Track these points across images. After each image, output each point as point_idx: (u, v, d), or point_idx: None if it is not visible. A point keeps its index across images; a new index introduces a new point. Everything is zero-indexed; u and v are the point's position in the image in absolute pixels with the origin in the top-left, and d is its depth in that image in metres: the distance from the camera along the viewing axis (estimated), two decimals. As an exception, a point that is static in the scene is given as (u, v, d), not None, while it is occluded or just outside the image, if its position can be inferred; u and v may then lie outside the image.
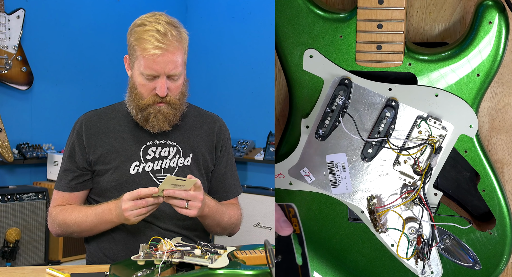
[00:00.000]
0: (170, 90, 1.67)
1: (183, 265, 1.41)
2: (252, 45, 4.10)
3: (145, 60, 1.63)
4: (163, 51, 1.61)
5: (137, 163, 1.73)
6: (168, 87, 1.66)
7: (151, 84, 1.66)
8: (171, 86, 1.67)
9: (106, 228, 1.69)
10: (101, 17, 3.96)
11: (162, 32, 1.62)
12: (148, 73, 1.64)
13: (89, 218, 1.68)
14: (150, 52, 1.61)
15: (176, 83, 1.68)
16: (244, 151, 3.97)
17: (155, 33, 1.62)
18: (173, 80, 1.67)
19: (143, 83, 1.67)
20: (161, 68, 1.63)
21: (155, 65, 1.62)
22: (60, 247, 3.32)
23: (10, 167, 3.51)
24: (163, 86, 1.64)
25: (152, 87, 1.66)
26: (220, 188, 1.83)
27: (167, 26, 1.64)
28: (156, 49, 1.61)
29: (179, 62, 1.65)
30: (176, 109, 1.70)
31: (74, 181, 1.74)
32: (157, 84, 1.65)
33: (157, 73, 1.64)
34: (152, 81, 1.66)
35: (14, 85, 3.43)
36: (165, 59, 1.62)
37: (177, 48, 1.64)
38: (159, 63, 1.62)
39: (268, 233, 3.46)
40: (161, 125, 1.69)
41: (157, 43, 1.61)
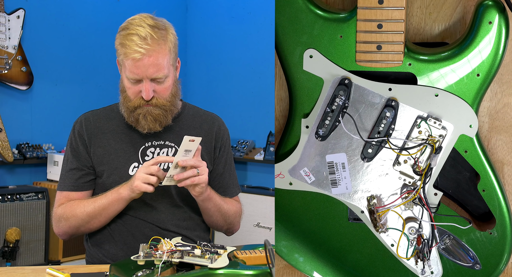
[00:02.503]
0: (157, 92, 1.67)
1: (183, 265, 1.41)
2: (252, 45, 4.09)
3: (127, 64, 1.64)
4: (142, 55, 1.61)
5: (136, 164, 1.73)
6: (154, 90, 1.66)
7: (136, 87, 1.67)
8: (157, 88, 1.67)
9: (115, 209, 1.68)
10: (101, 17, 3.96)
11: (142, 36, 1.61)
12: (131, 77, 1.65)
13: (97, 202, 1.67)
14: (130, 57, 1.62)
15: (163, 85, 1.68)
16: (244, 151, 3.97)
17: (135, 38, 1.62)
18: (159, 82, 1.66)
19: (129, 86, 1.68)
20: (142, 72, 1.63)
21: (136, 69, 1.63)
22: (60, 247, 3.32)
23: (10, 167, 3.51)
24: (146, 89, 1.65)
25: (137, 90, 1.67)
26: (219, 188, 1.83)
27: (149, 29, 1.63)
28: (135, 53, 1.61)
29: (162, 64, 1.64)
30: (166, 110, 1.70)
31: (82, 180, 1.74)
32: (142, 87, 1.66)
33: (139, 77, 1.64)
34: (137, 85, 1.66)
35: (14, 85, 3.43)
36: (145, 63, 1.62)
37: (158, 51, 1.63)
38: (139, 67, 1.63)
39: (268, 233, 3.46)
40: (151, 126, 1.69)
41: (135, 47, 1.61)
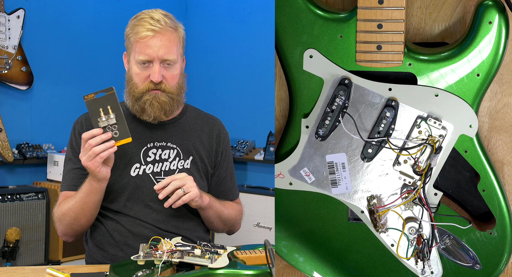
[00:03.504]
0: (166, 78, 1.68)
1: (183, 265, 1.41)
2: (252, 45, 4.09)
3: (138, 45, 1.65)
4: (155, 33, 1.64)
5: (138, 165, 1.72)
6: (163, 75, 1.67)
7: (145, 72, 1.67)
8: (166, 74, 1.67)
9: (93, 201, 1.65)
10: (101, 17, 3.96)
11: (156, 19, 1.66)
12: (141, 59, 1.65)
13: (77, 196, 1.66)
14: (143, 34, 1.64)
15: (172, 72, 1.68)
16: (244, 151, 3.97)
17: (149, 19, 1.66)
18: (168, 67, 1.67)
19: (138, 72, 1.68)
20: (153, 52, 1.64)
21: (148, 48, 1.64)
22: (60, 247, 3.32)
23: (10, 167, 3.51)
24: (157, 71, 1.65)
25: (146, 75, 1.67)
26: (221, 191, 1.84)
27: (162, 15, 1.68)
28: (148, 31, 1.64)
29: (173, 48, 1.67)
30: (173, 99, 1.70)
31: (83, 180, 1.73)
32: (151, 70, 1.66)
33: (150, 57, 1.65)
34: (147, 69, 1.66)
35: (14, 85, 3.42)
36: (157, 43, 1.64)
37: (171, 34, 1.67)
38: (151, 46, 1.64)
39: (268, 233, 3.46)
40: (157, 114, 1.68)
41: (149, 26, 1.64)
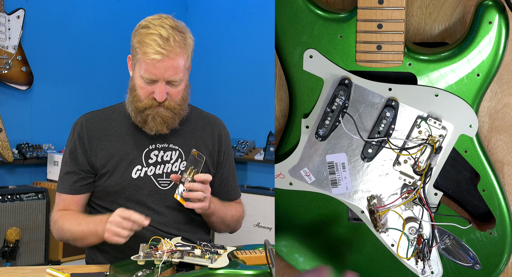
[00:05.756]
0: (170, 95, 1.66)
1: (183, 265, 1.41)
2: (252, 45, 4.09)
3: (145, 64, 1.61)
4: (164, 57, 1.59)
5: (139, 167, 1.71)
6: (167, 92, 1.65)
7: (150, 87, 1.64)
8: (171, 91, 1.65)
9: (94, 242, 1.64)
10: (101, 17, 3.95)
11: (165, 37, 1.59)
12: (147, 77, 1.63)
13: (80, 227, 1.64)
14: (150, 57, 1.59)
15: (177, 89, 1.66)
16: (244, 151, 3.97)
17: (157, 38, 1.59)
18: (173, 85, 1.65)
19: (142, 86, 1.65)
20: (160, 73, 1.61)
21: (155, 70, 1.61)
22: (60, 247, 3.32)
23: (10, 167, 3.51)
24: (161, 91, 1.63)
25: (150, 91, 1.65)
26: (224, 191, 1.83)
27: (171, 30, 1.61)
28: (157, 54, 1.59)
29: (180, 68, 1.63)
30: (175, 114, 1.68)
31: (78, 183, 1.72)
32: (156, 88, 1.63)
33: (156, 78, 1.62)
34: (151, 85, 1.64)
35: (14, 85, 3.42)
36: (165, 65, 1.60)
37: (179, 54, 1.62)
38: (158, 68, 1.60)
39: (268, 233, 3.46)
40: (159, 128, 1.68)
41: (158, 48, 1.59)
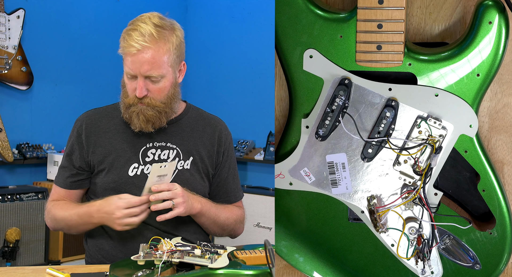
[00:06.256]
0: (151, 91, 1.66)
1: (183, 265, 1.41)
2: (252, 45, 4.10)
3: (126, 57, 1.65)
4: (137, 51, 1.61)
5: (136, 165, 1.72)
6: (148, 89, 1.65)
7: (133, 83, 1.66)
8: (151, 87, 1.66)
9: (89, 228, 1.73)
10: (101, 17, 3.96)
11: (142, 33, 1.61)
12: (127, 72, 1.66)
13: (73, 217, 1.70)
14: (125, 51, 1.63)
15: (158, 85, 1.66)
16: (244, 151, 3.97)
17: (135, 33, 1.62)
18: (153, 81, 1.65)
19: (127, 82, 1.68)
20: (136, 68, 1.63)
21: (131, 64, 1.63)
22: (60, 247, 3.32)
23: (10, 167, 3.51)
24: (139, 86, 1.64)
25: (133, 87, 1.66)
26: (222, 192, 1.83)
27: (152, 26, 1.63)
28: (131, 47, 1.61)
29: (158, 63, 1.63)
30: (160, 112, 1.68)
31: (70, 179, 1.75)
32: (136, 84, 1.65)
33: (134, 72, 1.64)
34: (133, 81, 1.66)
35: (14, 85, 3.43)
36: (140, 59, 1.62)
37: (156, 49, 1.62)
38: (134, 62, 1.63)
39: (268, 233, 3.46)
40: (142, 126, 1.68)
41: (132, 42, 1.61)
